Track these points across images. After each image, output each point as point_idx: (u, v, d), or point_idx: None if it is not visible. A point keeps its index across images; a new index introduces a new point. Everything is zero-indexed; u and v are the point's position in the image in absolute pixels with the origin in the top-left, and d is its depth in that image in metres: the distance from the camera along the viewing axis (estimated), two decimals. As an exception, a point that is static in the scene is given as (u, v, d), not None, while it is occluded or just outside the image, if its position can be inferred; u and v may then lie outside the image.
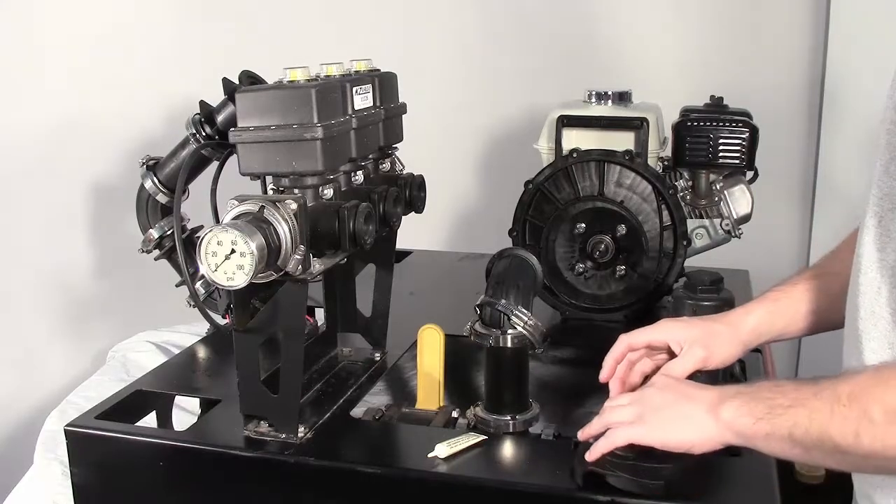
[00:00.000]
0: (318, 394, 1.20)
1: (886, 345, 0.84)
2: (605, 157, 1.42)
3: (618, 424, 0.93)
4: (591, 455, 0.93)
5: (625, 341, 1.05)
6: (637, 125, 1.43)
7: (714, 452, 0.98)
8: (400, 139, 1.23)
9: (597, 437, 0.95)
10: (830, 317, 1.02)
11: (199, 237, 0.93)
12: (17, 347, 1.97)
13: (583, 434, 0.95)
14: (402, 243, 1.33)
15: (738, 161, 1.45)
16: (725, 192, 1.49)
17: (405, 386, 1.29)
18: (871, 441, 0.75)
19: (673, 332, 1.03)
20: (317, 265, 1.01)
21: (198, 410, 1.28)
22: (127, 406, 1.19)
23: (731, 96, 1.52)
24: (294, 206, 0.96)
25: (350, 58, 1.17)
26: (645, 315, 1.47)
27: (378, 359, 1.31)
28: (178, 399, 1.27)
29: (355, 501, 1.02)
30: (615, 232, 1.42)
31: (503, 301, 1.09)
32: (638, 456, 0.92)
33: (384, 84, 1.17)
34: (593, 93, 1.53)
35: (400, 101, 1.23)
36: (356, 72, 1.15)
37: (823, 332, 1.06)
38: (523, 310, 1.09)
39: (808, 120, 2.04)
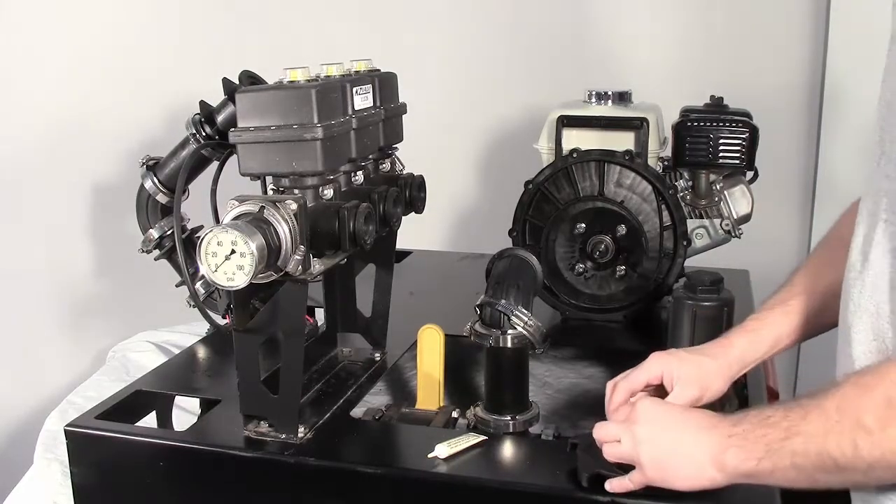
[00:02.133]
0: (318, 394, 1.20)
1: (872, 336, 0.84)
2: (605, 157, 1.42)
3: (621, 461, 0.92)
4: (612, 488, 0.92)
5: (624, 388, 1.01)
6: (637, 125, 1.43)
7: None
8: (400, 139, 1.23)
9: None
10: (820, 321, 1.03)
11: (199, 237, 0.93)
12: (17, 347, 1.97)
13: (611, 486, 0.92)
14: (402, 243, 1.33)
15: (738, 161, 1.45)
16: (725, 192, 1.49)
17: (405, 386, 1.29)
18: (870, 449, 0.75)
19: (668, 367, 1.01)
20: (317, 265, 1.01)
21: (198, 410, 1.28)
22: (127, 406, 1.19)
23: (731, 96, 1.52)
24: (294, 206, 0.96)
25: (350, 58, 1.16)
26: (645, 315, 1.47)
27: (378, 359, 1.31)
28: (178, 399, 1.27)
29: (355, 501, 1.02)
30: (615, 232, 1.42)
31: (503, 301, 1.09)
32: None
33: (384, 84, 1.17)
34: (593, 93, 1.53)
35: (400, 101, 1.23)
36: (356, 72, 1.15)
37: (815, 336, 1.06)
38: (523, 310, 1.09)
39: (808, 120, 2.04)
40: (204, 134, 1.29)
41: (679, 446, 0.88)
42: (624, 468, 0.92)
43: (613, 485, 0.92)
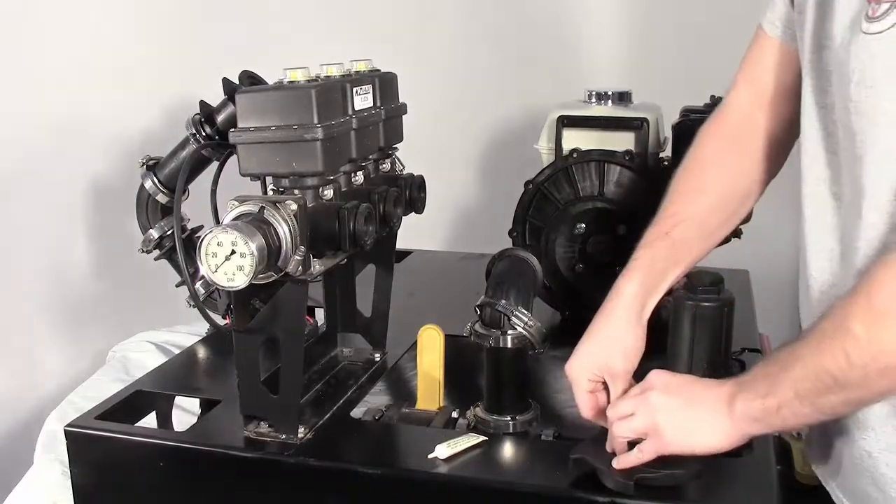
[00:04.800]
0: (318, 394, 1.20)
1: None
2: (605, 158, 1.42)
3: (634, 437, 0.92)
4: (621, 465, 0.92)
5: (590, 415, 1.01)
6: (637, 125, 1.43)
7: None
8: (400, 139, 1.23)
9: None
10: (704, 246, 1.07)
11: (199, 237, 0.93)
12: (17, 347, 1.97)
13: (619, 464, 0.93)
14: (402, 243, 1.33)
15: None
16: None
17: (405, 386, 1.29)
18: (860, 354, 0.75)
19: (584, 374, 1.00)
20: (317, 266, 1.01)
21: (198, 410, 1.28)
22: (127, 406, 1.19)
23: (731, 96, 1.52)
24: (294, 206, 0.96)
25: (350, 58, 1.16)
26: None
27: (378, 359, 1.31)
28: (178, 399, 1.28)
29: (355, 502, 1.02)
30: (615, 232, 1.42)
31: (503, 301, 1.09)
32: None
33: (384, 84, 1.17)
34: (593, 93, 1.53)
35: (400, 101, 1.23)
36: (356, 72, 1.15)
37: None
38: (523, 310, 1.09)
39: (808, 120, 2.03)
40: (204, 134, 1.29)
41: (694, 404, 0.89)
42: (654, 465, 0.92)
43: (621, 461, 0.92)
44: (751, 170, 1.07)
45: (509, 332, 1.09)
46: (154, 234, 1.41)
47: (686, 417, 0.89)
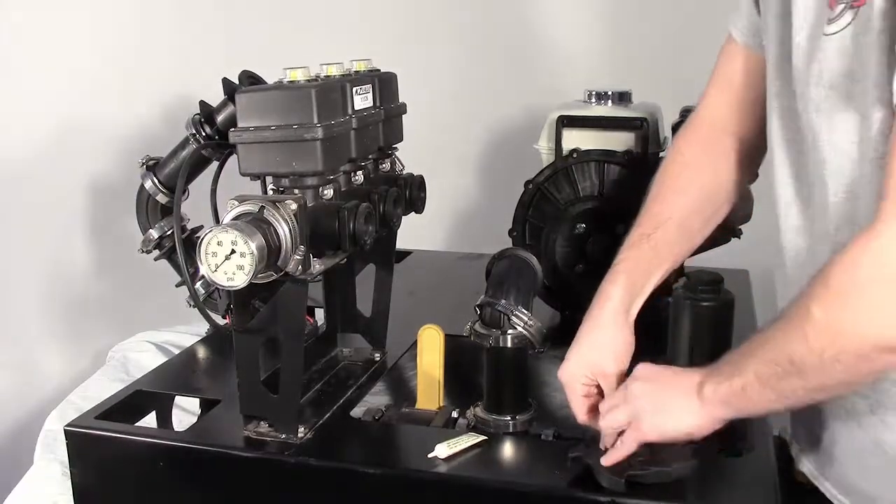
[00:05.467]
0: (318, 394, 1.20)
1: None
2: (605, 157, 1.42)
3: (619, 428, 0.93)
4: (608, 461, 0.93)
5: (585, 419, 1.03)
6: (637, 125, 1.43)
7: (714, 453, 0.99)
8: (400, 139, 1.23)
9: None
10: (685, 248, 1.09)
11: (199, 237, 0.93)
12: (17, 347, 1.97)
13: (607, 460, 0.93)
14: (402, 243, 1.33)
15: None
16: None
17: (405, 386, 1.29)
18: (816, 336, 0.76)
19: (576, 378, 1.02)
20: (317, 265, 1.01)
21: (198, 410, 1.28)
22: (127, 406, 1.19)
23: (731, 96, 1.52)
24: (294, 206, 0.96)
25: (350, 58, 1.16)
26: (644, 315, 1.46)
27: (378, 359, 1.31)
28: (178, 399, 1.28)
29: (355, 501, 1.02)
30: (615, 232, 1.42)
31: (503, 301, 1.09)
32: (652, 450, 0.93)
33: (384, 84, 1.17)
34: (593, 93, 1.53)
35: (400, 101, 1.23)
36: (356, 72, 1.15)
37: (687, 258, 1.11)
38: (523, 310, 1.09)
39: (808, 120, 2.04)
40: (204, 134, 1.29)
41: (667, 389, 0.91)
42: (648, 462, 0.93)
43: (609, 457, 0.93)
44: (727, 171, 1.10)
45: (509, 331, 1.09)
46: (154, 234, 1.41)
47: (660, 403, 0.91)
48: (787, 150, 0.93)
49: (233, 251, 0.91)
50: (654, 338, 1.14)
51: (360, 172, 1.13)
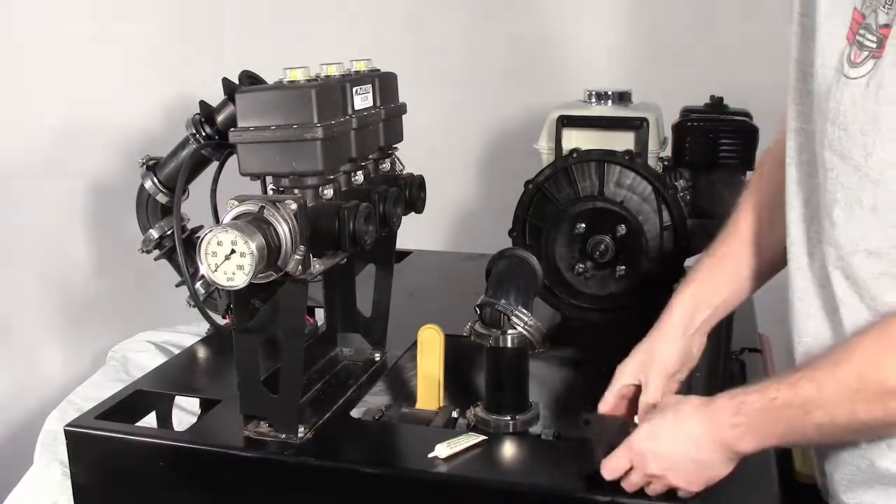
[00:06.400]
0: (318, 394, 1.20)
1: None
2: (605, 157, 1.42)
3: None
4: (608, 472, 0.93)
5: (602, 409, 1.05)
6: (637, 125, 1.43)
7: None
8: (400, 139, 1.23)
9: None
10: (761, 271, 1.05)
11: (199, 237, 0.93)
12: (17, 347, 1.97)
13: (607, 470, 0.93)
14: (402, 243, 1.33)
15: (738, 161, 1.45)
16: (725, 191, 1.49)
17: (405, 386, 1.29)
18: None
19: (625, 378, 1.04)
20: (317, 265, 1.01)
21: (198, 410, 1.28)
22: (127, 406, 1.19)
23: (731, 96, 1.52)
24: (294, 206, 0.96)
25: (350, 58, 1.16)
26: (644, 315, 1.46)
27: (378, 359, 1.31)
28: (178, 399, 1.28)
29: (355, 501, 1.02)
30: (615, 232, 1.42)
31: (503, 301, 1.09)
32: None
33: (384, 84, 1.17)
34: (593, 93, 1.53)
35: (400, 101, 1.23)
36: (356, 72, 1.15)
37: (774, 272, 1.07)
38: (523, 310, 1.09)
39: (808, 120, 2.03)
40: (204, 134, 1.29)
41: (691, 450, 0.88)
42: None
43: (608, 468, 0.92)
44: None
45: (509, 331, 1.09)
46: (154, 234, 1.41)
47: (688, 468, 0.89)
48: (802, 173, 0.91)
49: (233, 251, 0.91)
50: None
51: (360, 172, 1.13)
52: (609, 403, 1.04)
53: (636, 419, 1.01)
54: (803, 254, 0.90)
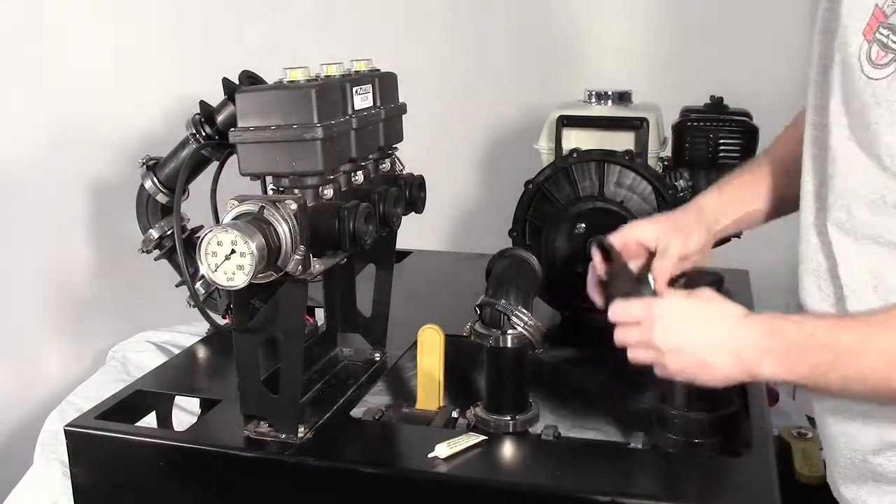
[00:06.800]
0: (318, 394, 1.20)
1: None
2: (605, 157, 1.42)
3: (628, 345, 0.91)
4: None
5: (598, 254, 1.05)
6: (637, 125, 1.43)
7: (714, 452, 0.99)
8: (400, 139, 1.23)
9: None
10: (787, 193, 1.04)
11: (199, 237, 0.93)
12: (17, 347, 1.97)
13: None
14: (402, 243, 1.33)
15: (738, 161, 1.45)
16: (725, 192, 1.49)
17: (405, 386, 1.29)
18: None
19: (642, 231, 1.05)
20: (317, 265, 1.01)
21: (198, 410, 1.28)
22: (127, 406, 1.19)
23: (731, 96, 1.52)
24: (294, 206, 0.96)
25: (350, 58, 1.16)
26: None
27: (378, 359, 1.31)
28: (178, 399, 1.27)
29: (355, 501, 1.02)
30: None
31: (503, 301, 1.09)
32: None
33: (384, 84, 1.17)
34: (593, 93, 1.53)
35: (400, 101, 1.23)
36: (356, 72, 1.15)
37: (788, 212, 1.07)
38: (523, 310, 1.09)
39: (808, 120, 2.03)
40: (204, 134, 1.29)
41: (703, 357, 0.86)
42: None
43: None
44: None
45: (509, 331, 1.09)
46: (154, 234, 1.41)
47: (696, 369, 0.87)
48: (813, 165, 0.91)
49: (233, 251, 0.91)
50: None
51: (360, 172, 1.13)
52: (615, 244, 1.03)
53: (650, 277, 1.00)
54: (814, 242, 0.90)
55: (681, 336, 0.87)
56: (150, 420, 1.22)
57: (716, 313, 0.87)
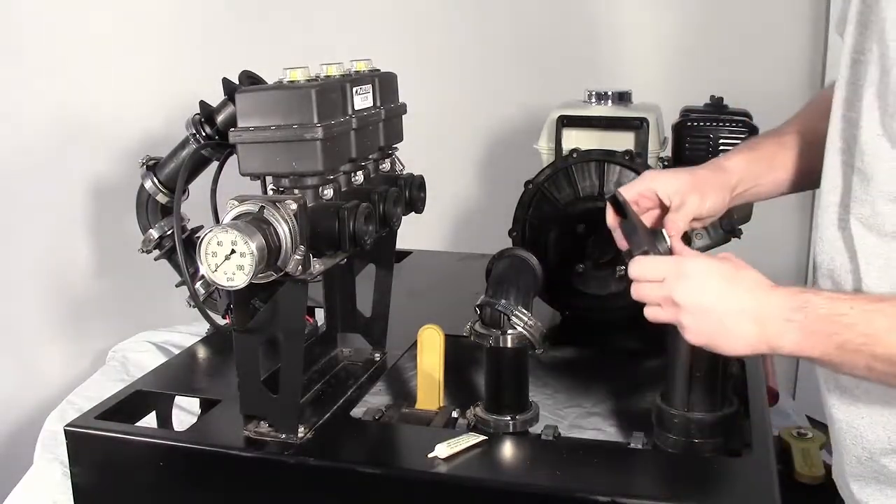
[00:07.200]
0: (318, 394, 1.20)
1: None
2: (605, 157, 1.42)
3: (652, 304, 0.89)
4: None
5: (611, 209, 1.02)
6: (637, 125, 1.43)
7: (713, 452, 0.99)
8: (400, 139, 1.23)
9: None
10: (812, 164, 1.00)
11: (199, 237, 0.93)
12: (17, 347, 1.97)
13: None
14: (402, 243, 1.33)
15: (738, 161, 1.45)
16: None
17: (405, 386, 1.29)
18: None
19: (660, 183, 1.00)
20: (317, 265, 1.01)
21: (198, 410, 1.28)
22: (127, 406, 1.19)
23: (731, 96, 1.52)
24: (294, 206, 0.96)
25: (350, 58, 1.16)
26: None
27: (378, 359, 1.31)
28: (178, 399, 1.28)
29: (355, 501, 1.02)
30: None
31: (503, 301, 1.09)
32: None
33: (384, 84, 1.17)
34: (593, 93, 1.53)
35: (400, 101, 1.23)
36: (356, 72, 1.15)
37: (808, 188, 1.06)
38: (523, 310, 1.09)
39: (808, 120, 2.04)
40: (204, 134, 1.29)
41: (726, 322, 0.84)
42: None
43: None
44: None
45: (509, 331, 1.09)
46: (154, 234, 1.41)
47: (716, 336, 0.85)
48: (838, 160, 0.90)
49: (233, 251, 0.91)
50: (654, 337, 1.14)
51: (360, 172, 1.13)
52: (629, 194, 1.01)
53: (664, 231, 0.97)
54: (833, 235, 0.89)
55: (706, 297, 0.85)
56: (150, 420, 1.22)
57: (745, 279, 0.85)
